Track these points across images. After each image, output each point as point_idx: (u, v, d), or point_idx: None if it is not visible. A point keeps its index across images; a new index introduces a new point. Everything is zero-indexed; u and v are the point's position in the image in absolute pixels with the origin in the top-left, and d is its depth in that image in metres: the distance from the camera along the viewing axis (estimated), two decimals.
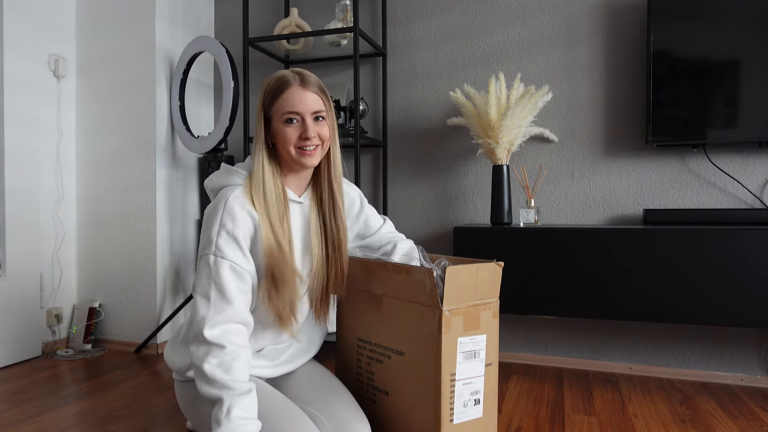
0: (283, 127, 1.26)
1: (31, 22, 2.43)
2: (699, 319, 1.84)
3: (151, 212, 2.55)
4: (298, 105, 1.25)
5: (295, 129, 1.26)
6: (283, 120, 1.25)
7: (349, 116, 2.44)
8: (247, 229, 1.24)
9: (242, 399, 1.14)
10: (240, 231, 1.22)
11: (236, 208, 1.23)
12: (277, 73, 1.29)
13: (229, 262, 1.21)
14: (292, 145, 1.26)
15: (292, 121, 1.25)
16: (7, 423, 1.72)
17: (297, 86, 1.25)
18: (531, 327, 2.39)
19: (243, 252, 1.23)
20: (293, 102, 1.25)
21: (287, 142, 1.26)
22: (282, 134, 1.26)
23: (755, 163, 2.12)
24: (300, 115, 1.25)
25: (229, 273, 1.20)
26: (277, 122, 1.27)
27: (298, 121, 1.26)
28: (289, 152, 1.27)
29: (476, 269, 1.28)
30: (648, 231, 1.89)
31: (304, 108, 1.25)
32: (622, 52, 2.27)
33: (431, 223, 2.53)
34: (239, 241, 1.22)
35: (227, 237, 1.21)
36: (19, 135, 2.38)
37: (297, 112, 1.25)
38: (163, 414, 1.79)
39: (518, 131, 2.16)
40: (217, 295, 1.19)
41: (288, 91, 1.25)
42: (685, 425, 1.71)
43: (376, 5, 2.62)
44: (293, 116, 1.25)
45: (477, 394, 1.30)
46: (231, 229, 1.21)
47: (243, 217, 1.23)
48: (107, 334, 2.65)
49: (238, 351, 1.19)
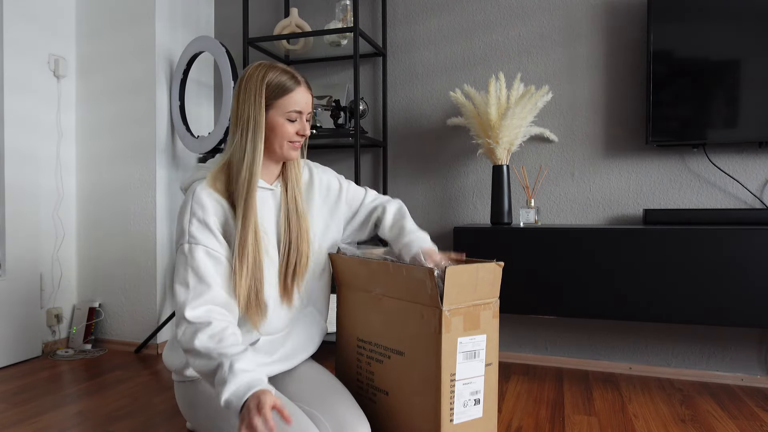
0: (285, 122, 1.32)
1: (31, 22, 2.43)
2: (699, 319, 1.84)
3: (151, 212, 2.55)
4: (303, 105, 1.34)
5: (294, 126, 1.34)
6: (286, 116, 1.32)
7: (349, 116, 2.44)
8: (217, 216, 1.29)
9: (242, 356, 1.14)
10: (211, 218, 1.27)
11: (204, 196, 1.28)
12: (279, 68, 1.34)
13: (204, 246, 1.25)
14: (287, 140, 1.34)
15: (294, 119, 1.33)
16: (7, 423, 1.72)
17: (304, 87, 1.35)
18: (531, 327, 2.39)
19: (216, 237, 1.27)
20: (300, 102, 1.33)
21: (284, 137, 1.33)
22: (282, 129, 1.32)
23: (755, 163, 2.12)
24: (302, 113, 1.35)
25: (204, 257, 1.24)
26: (277, 116, 1.32)
27: (299, 120, 1.35)
28: (281, 146, 1.34)
29: (476, 269, 1.28)
30: (648, 231, 1.89)
31: (306, 108, 1.36)
32: (622, 52, 2.27)
33: (431, 223, 2.53)
34: (211, 228, 1.27)
35: (199, 224, 1.26)
36: (19, 135, 2.38)
37: (301, 111, 1.34)
38: (163, 414, 1.79)
39: (518, 131, 2.16)
40: (195, 280, 1.23)
41: (297, 90, 1.33)
42: (685, 425, 1.71)
43: (376, 5, 2.62)
44: (297, 115, 1.34)
45: (477, 394, 1.30)
46: (202, 216, 1.27)
47: (212, 204, 1.28)
48: (107, 334, 2.65)
49: (226, 324, 1.21)
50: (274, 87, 1.32)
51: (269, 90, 1.31)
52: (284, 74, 1.33)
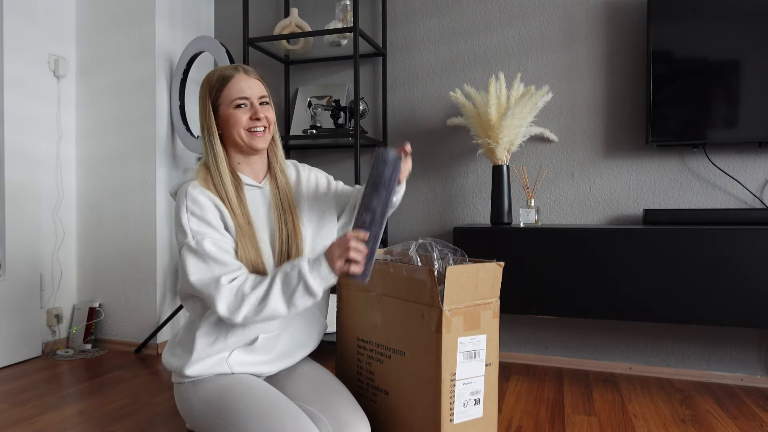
0: (234, 111, 1.34)
1: (31, 22, 2.43)
2: (699, 319, 1.84)
3: (151, 212, 2.55)
4: (246, 90, 1.35)
5: (245, 112, 1.35)
6: (233, 105, 1.34)
7: (349, 116, 2.44)
8: (213, 211, 1.31)
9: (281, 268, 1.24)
10: (208, 213, 1.30)
11: (197, 194, 1.31)
12: (215, 71, 1.40)
13: (210, 238, 1.28)
14: (243, 128, 1.35)
15: (241, 106, 1.35)
16: (7, 423, 1.72)
17: (242, 74, 1.37)
18: (531, 327, 2.39)
19: (216, 229, 1.30)
20: (241, 87, 1.35)
21: (238, 125, 1.34)
22: (233, 118, 1.35)
23: (755, 163, 2.12)
24: (249, 99, 1.35)
25: (212, 246, 1.27)
26: (226, 109, 1.35)
27: (247, 105, 1.35)
28: (241, 136, 1.35)
29: (476, 269, 1.28)
30: (648, 231, 1.89)
31: (252, 93, 1.36)
32: (622, 52, 2.27)
33: (431, 223, 2.53)
34: (209, 221, 1.30)
35: (197, 221, 1.29)
36: (19, 135, 2.38)
37: (246, 96, 1.35)
38: (163, 414, 1.79)
39: (518, 131, 2.16)
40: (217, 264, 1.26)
41: (234, 79, 1.35)
42: (685, 425, 1.71)
43: (376, 5, 2.62)
44: (243, 101, 1.35)
45: (477, 393, 1.30)
46: (200, 213, 1.29)
47: (206, 200, 1.31)
48: (107, 334, 2.65)
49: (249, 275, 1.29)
50: (214, 84, 1.37)
51: (211, 89, 1.37)
52: (223, 70, 1.38)
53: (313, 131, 2.40)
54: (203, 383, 1.33)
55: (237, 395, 1.26)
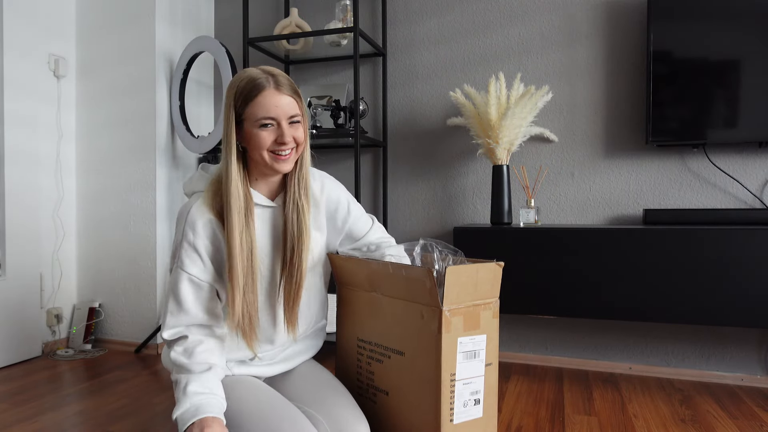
0: (258, 132, 1.19)
1: (31, 22, 2.43)
2: (699, 319, 1.84)
3: (151, 212, 2.55)
4: (273, 110, 1.19)
5: (270, 133, 1.20)
6: (258, 125, 1.19)
7: (349, 116, 2.44)
8: (207, 239, 1.24)
9: (199, 377, 1.18)
10: (200, 241, 1.24)
11: (197, 218, 1.23)
12: (247, 73, 1.22)
13: (187, 274, 1.23)
14: (266, 150, 1.21)
15: (267, 126, 1.19)
16: (7, 423, 1.72)
17: (271, 89, 1.19)
18: (531, 327, 2.39)
19: (203, 262, 1.24)
20: (268, 106, 1.18)
21: (261, 147, 1.20)
22: (256, 139, 1.20)
23: (755, 163, 2.12)
24: (276, 120, 1.20)
25: (187, 285, 1.23)
26: (250, 126, 1.20)
27: (273, 126, 1.20)
28: (263, 157, 1.21)
29: (476, 269, 1.28)
30: (648, 231, 1.89)
31: (280, 112, 1.19)
32: (622, 52, 2.27)
33: (431, 223, 2.53)
34: (200, 252, 1.24)
35: (188, 248, 1.24)
36: (19, 135, 2.38)
37: (272, 117, 1.19)
38: (163, 414, 1.79)
39: (518, 131, 2.16)
40: (175, 305, 1.24)
41: (262, 95, 1.18)
42: (685, 425, 1.71)
43: (376, 5, 2.62)
44: (269, 121, 1.19)
45: (477, 394, 1.30)
46: (192, 240, 1.23)
47: (203, 226, 1.23)
48: (107, 334, 2.65)
49: (202, 339, 1.24)
50: (240, 94, 1.20)
51: (237, 99, 1.21)
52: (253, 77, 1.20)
53: (313, 131, 2.40)
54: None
55: (236, 396, 1.26)
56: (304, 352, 1.47)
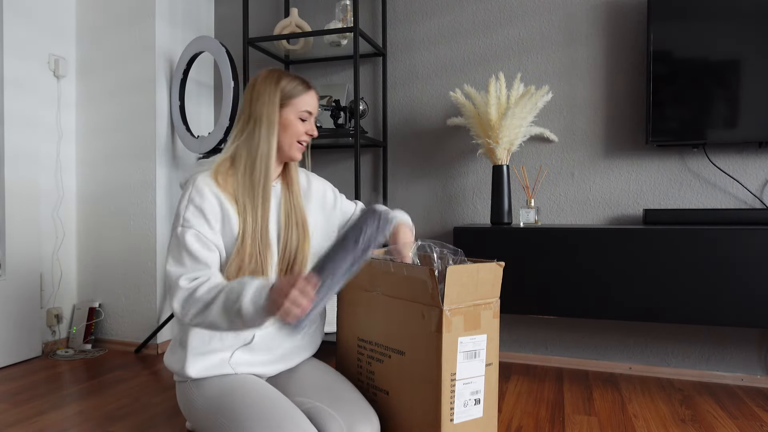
0: (297, 121, 1.39)
1: (31, 22, 2.43)
2: (699, 319, 1.84)
3: (151, 212, 2.55)
4: (313, 107, 1.43)
5: (304, 126, 1.41)
6: (299, 116, 1.39)
7: (349, 116, 2.44)
8: (213, 207, 1.30)
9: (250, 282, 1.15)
10: (207, 206, 1.29)
11: (203, 186, 1.30)
12: (290, 73, 1.43)
13: (195, 231, 1.27)
14: (296, 139, 1.40)
15: (305, 120, 1.41)
16: (7, 423, 1.72)
17: (314, 93, 1.44)
18: (531, 327, 2.39)
19: (210, 225, 1.29)
20: (312, 103, 1.42)
21: (295, 135, 1.39)
22: (294, 127, 1.39)
23: (755, 163, 2.12)
24: (312, 115, 1.43)
25: (194, 240, 1.26)
26: (290, 114, 1.39)
27: (307, 120, 1.42)
28: (290, 144, 1.40)
29: (477, 269, 1.28)
30: (648, 231, 1.90)
31: (315, 111, 1.44)
32: (622, 52, 2.27)
33: (431, 223, 2.54)
34: (206, 215, 1.29)
35: (195, 210, 1.28)
36: (19, 135, 2.38)
37: (311, 112, 1.42)
38: (163, 414, 1.79)
39: (518, 131, 2.17)
40: (192, 260, 1.25)
41: (309, 93, 1.42)
42: (685, 425, 1.71)
43: (376, 5, 2.62)
44: (308, 116, 1.41)
45: (477, 393, 1.30)
46: (199, 203, 1.29)
47: (210, 194, 1.30)
48: (107, 334, 2.65)
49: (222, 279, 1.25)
50: (289, 88, 1.39)
51: (283, 91, 1.38)
52: (296, 79, 1.42)
53: None
54: (205, 382, 1.34)
55: (238, 395, 1.26)
56: (302, 349, 1.47)
